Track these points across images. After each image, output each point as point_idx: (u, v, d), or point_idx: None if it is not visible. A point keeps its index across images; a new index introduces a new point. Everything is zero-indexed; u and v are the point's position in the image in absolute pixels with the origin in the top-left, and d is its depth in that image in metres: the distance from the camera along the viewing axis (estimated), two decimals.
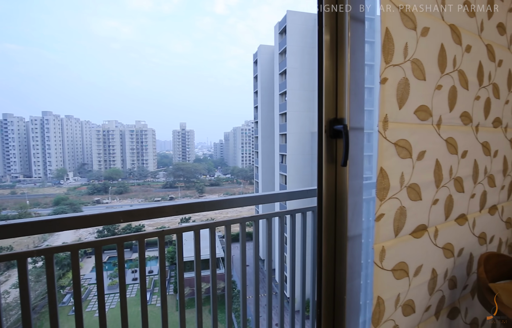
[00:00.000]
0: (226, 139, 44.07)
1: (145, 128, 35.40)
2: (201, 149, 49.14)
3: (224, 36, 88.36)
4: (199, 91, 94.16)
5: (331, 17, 0.86)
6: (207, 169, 35.68)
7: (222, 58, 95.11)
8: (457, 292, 1.26)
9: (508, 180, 1.46)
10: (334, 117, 0.88)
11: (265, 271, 15.71)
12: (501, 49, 1.30)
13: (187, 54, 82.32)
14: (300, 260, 1.66)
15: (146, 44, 72.55)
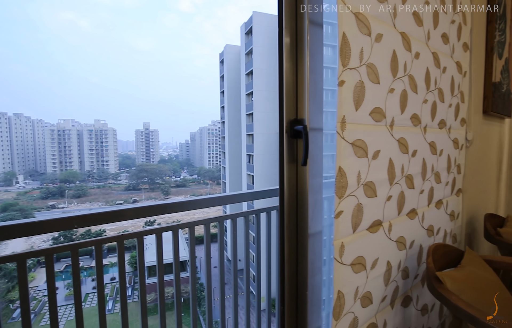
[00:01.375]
0: (192, 139, 43.22)
1: (105, 127, 33.50)
2: (166, 149, 47.67)
3: (190, 34, 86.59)
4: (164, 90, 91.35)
5: (291, 20, 0.88)
6: (173, 170, 34.69)
7: (188, 57, 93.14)
8: (409, 281, 1.35)
9: (451, 177, 1.60)
10: (294, 118, 0.90)
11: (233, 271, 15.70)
12: (445, 57, 1.41)
13: (150, 51, 79.48)
14: (265, 259, 1.68)
15: (106, 39, 68.84)
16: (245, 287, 1.61)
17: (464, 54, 1.62)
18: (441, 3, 1.35)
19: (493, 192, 2.36)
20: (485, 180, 2.20)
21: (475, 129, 1.91)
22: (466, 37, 1.63)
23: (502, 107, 2.16)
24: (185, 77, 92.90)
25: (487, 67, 1.93)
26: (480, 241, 2.04)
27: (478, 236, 2.03)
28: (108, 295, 16.19)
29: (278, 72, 0.89)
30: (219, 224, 1.51)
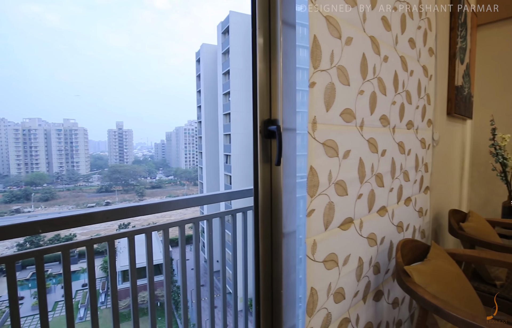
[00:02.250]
0: (168, 139, 42.31)
1: (75, 127, 31.99)
2: (141, 149, 46.35)
3: (165, 32, 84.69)
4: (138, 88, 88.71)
5: (264, 21, 0.89)
6: (148, 171, 33.78)
7: (163, 55, 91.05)
8: (381, 276, 1.40)
9: (419, 175, 1.68)
10: (268, 118, 0.90)
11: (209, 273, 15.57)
12: (412, 61, 1.48)
13: (124, 48, 76.89)
14: (242, 259, 1.68)
15: (76, 34, 65.74)
16: (221, 289, 1.60)
17: (430, 59, 1.71)
18: (408, 9, 1.42)
19: (456, 189, 2.50)
20: (450, 178, 2.33)
21: (441, 130, 2.02)
22: (431, 43, 1.71)
23: (464, 109, 2.30)
24: (161, 76, 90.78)
25: (450, 71, 2.05)
26: (445, 235, 2.16)
27: (444, 231, 2.15)
28: (79, 302, 15.50)
29: (252, 72, 0.89)
30: (194, 225, 1.50)
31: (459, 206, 2.58)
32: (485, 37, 2.75)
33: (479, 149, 2.81)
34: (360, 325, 1.27)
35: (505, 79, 2.67)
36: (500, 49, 2.69)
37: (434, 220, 2.02)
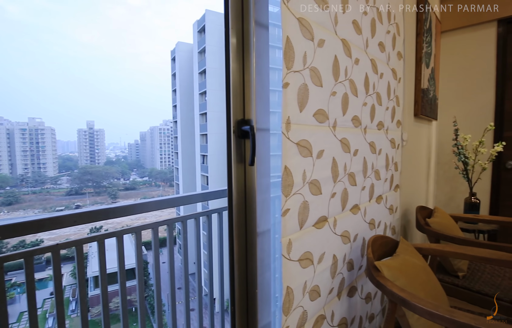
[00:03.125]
0: (142, 139, 41.12)
1: (41, 126, 30.26)
2: (114, 150, 44.70)
3: (139, 29, 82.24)
4: (111, 87, 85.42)
5: (237, 21, 0.89)
6: (121, 172, 32.64)
7: (137, 52, 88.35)
8: (354, 272, 1.44)
9: (389, 174, 1.75)
10: (242, 118, 0.90)
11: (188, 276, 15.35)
12: (382, 64, 1.54)
13: (95, 45, 73.76)
14: (218, 260, 1.67)
15: (42, 28, 62.14)
16: (196, 291, 1.58)
17: (398, 62, 1.79)
18: (377, 14, 1.47)
19: (423, 187, 2.64)
20: (417, 176, 2.45)
21: (409, 130, 2.12)
22: (399, 47, 1.79)
23: (429, 110, 2.42)
24: (134, 74, 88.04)
25: (417, 75, 2.15)
26: (414, 231, 2.27)
27: (412, 226, 2.25)
28: (48, 312, 14.68)
29: (225, 72, 0.89)
30: (169, 227, 1.46)
31: (426, 202, 2.72)
32: (448, 43, 2.92)
33: (444, 148, 2.98)
34: (335, 321, 1.29)
35: (466, 83, 2.85)
36: (461, 54, 2.86)
37: (403, 216, 2.11)
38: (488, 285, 1.64)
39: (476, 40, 2.78)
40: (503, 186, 2.74)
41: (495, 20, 2.66)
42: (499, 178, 2.74)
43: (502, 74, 2.67)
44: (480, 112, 2.78)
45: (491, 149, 2.43)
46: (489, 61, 2.72)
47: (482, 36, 2.74)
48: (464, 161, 2.43)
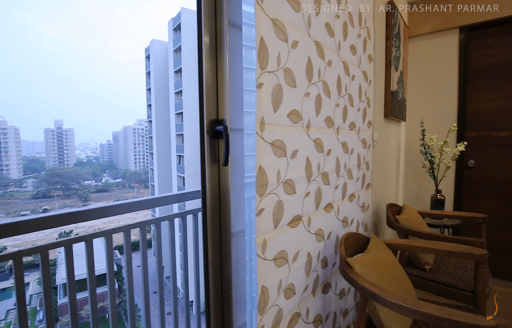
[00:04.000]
0: (115, 140, 39.67)
1: (3, 125, 28.35)
2: (84, 150, 42.81)
3: (111, 25, 79.24)
4: (81, 85, 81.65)
5: (210, 21, 0.88)
6: (93, 174, 31.29)
7: (109, 49, 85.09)
8: (328, 270, 1.47)
9: (361, 173, 1.80)
10: (215, 118, 0.90)
11: (165, 279, 15.09)
12: (353, 66, 1.59)
13: (63, 40, 70.14)
14: (193, 262, 1.65)
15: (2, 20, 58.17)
16: (172, 295, 1.55)
17: (369, 65, 1.85)
18: (349, 18, 1.51)
19: (393, 185, 2.75)
20: (388, 174, 2.55)
21: (379, 131, 2.20)
22: (370, 50, 1.85)
23: (398, 112, 2.53)
24: (106, 71, 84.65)
25: (387, 77, 2.24)
26: (384, 227, 2.36)
27: (383, 223, 2.34)
28: (12, 323, 13.78)
29: (198, 71, 0.88)
30: (141, 230, 1.42)
31: (395, 200, 2.84)
32: (415, 48, 3.07)
33: (412, 148, 3.12)
34: (310, 318, 1.32)
35: (433, 86, 3.01)
36: (427, 59, 3.02)
37: (374, 214, 2.19)
38: (452, 276, 1.74)
39: (440, 46, 2.94)
40: (465, 183, 2.92)
41: (457, 27, 2.83)
42: (462, 176, 2.92)
43: (464, 78, 2.85)
44: (445, 114, 2.94)
45: (454, 149, 2.58)
46: (452, 65, 2.89)
47: (446, 42, 2.91)
48: (430, 160, 2.56)
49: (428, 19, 2.95)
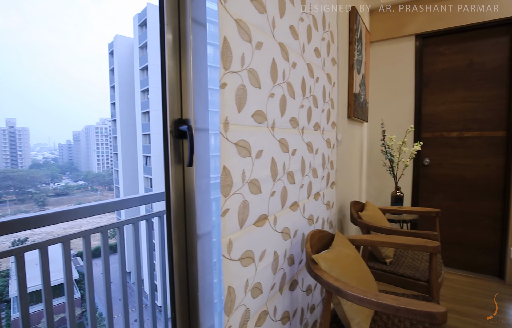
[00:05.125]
0: (76, 140, 37.41)
1: None
2: (41, 151, 39.87)
3: (70, 18, 74.46)
4: (36, 81, 75.80)
5: (173, 17, 0.86)
6: (51, 176, 29.25)
7: (67, 44, 79.86)
8: (295, 267, 1.50)
9: (326, 172, 1.86)
10: (179, 117, 0.88)
11: (132, 284, 14.37)
12: (317, 69, 1.63)
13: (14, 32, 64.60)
14: (160, 266, 1.60)
15: None
16: (138, 300, 1.49)
17: (333, 68, 1.92)
18: (313, 21, 1.56)
19: (357, 183, 2.87)
20: (351, 173, 2.66)
21: (343, 131, 2.29)
22: (334, 53, 1.92)
23: (361, 113, 2.65)
24: (65, 67, 79.13)
25: (350, 80, 2.33)
26: (348, 224, 2.46)
27: (347, 220, 2.43)
28: None
29: (161, 70, 0.85)
30: (103, 235, 1.36)
31: (359, 197, 2.97)
32: (376, 52, 3.23)
33: (373, 148, 3.29)
34: (277, 316, 1.33)
35: (392, 89, 3.19)
36: (387, 63, 3.19)
37: (339, 211, 2.27)
38: (409, 268, 1.86)
39: (399, 51, 3.13)
40: (421, 180, 3.13)
41: (414, 34, 3.02)
42: (418, 174, 3.12)
43: (420, 82, 3.05)
44: (403, 115, 3.13)
45: (412, 148, 2.75)
46: (409, 70, 3.08)
47: (404, 48, 3.10)
48: (390, 159, 2.71)
49: (388, 26, 3.12)
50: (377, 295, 0.98)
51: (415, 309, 0.90)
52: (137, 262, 1.56)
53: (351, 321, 1.22)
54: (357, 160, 2.87)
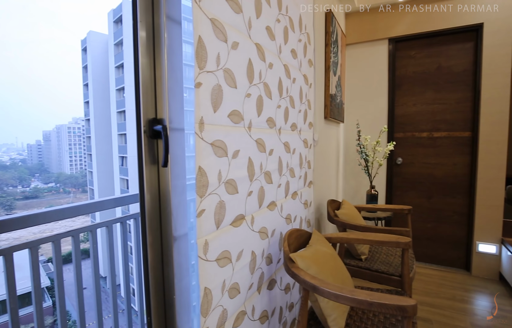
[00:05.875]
0: (46, 140, 35.65)
1: None
2: (7, 152, 37.67)
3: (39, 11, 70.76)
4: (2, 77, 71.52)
5: (147, 14, 0.84)
6: (19, 178, 27.71)
7: (36, 39, 75.83)
8: (273, 266, 1.51)
9: (303, 171, 1.89)
10: (153, 117, 0.86)
11: (107, 290, 13.92)
12: (294, 69, 1.65)
13: None
14: (136, 270, 1.56)
15: None
16: (113, 306, 1.44)
17: (309, 69, 1.95)
18: (290, 22, 1.58)
19: (333, 182, 2.93)
20: (328, 172, 2.71)
21: (320, 131, 2.33)
22: (310, 55, 1.95)
23: (337, 114, 2.71)
24: (34, 64, 74.96)
25: (326, 81, 2.38)
26: (326, 222, 2.51)
27: (324, 218, 2.48)
28: None
29: (134, 68, 0.83)
30: (74, 239, 1.30)
31: (336, 196, 3.04)
32: (352, 55, 3.32)
33: (349, 147, 3.38)
34: (256, 315, 1.34)
35: (367, 90, 3.29)
36: (362, 65, 3.29)
37: (316, 210, 2.31)
38: (384, 264, 1.92)
39: (373, 54, 3.23)
40: (394, 178, 3.25)
41: (387, 38, 3.13)
42: (392, 172, 3.24)
43: (393, 84, 3.17)
44: (377, 116, 3.24)
45: (385, 148, 2.85)
46: (383, 72, 3.19)
47: (378, 51, 3.20)
48: (365, 158, 2.79)
49: (363, 29, 3.22)
50: (352, 291, 1.00)
51: (388, 303, 0.93)
52: (112, 266, 1.51)
53: (328, 317, 1.25)
54: (334, 159, 2.94)
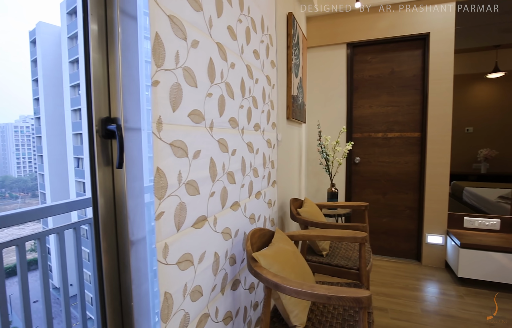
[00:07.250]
0: None
1: None
2: None
3: None
4: None
5: (99, 7, 0.79)
6: None
7: None
8: (237, 266, 1.51)
9: (267, 171, 1.91)
10: (107, 116, 0.81)
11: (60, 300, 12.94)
12: (257, 70, 1.67)
13: None
14: (93, 278, 1.47)
15: None
16: (65, 319, 1.34)
17: (272, 70, 1.98)
18: (252, 23, 1.58)
19: (296, 181, 3.01)
20: (291, 171, 2.78)
21: (283, 132, 2.38)
22: (273, 56, 1.98)
23: (299, 114, 2.78)
24: None
25: (288, 83, 2.43)
26: (289, 221, 2.56)
27: (287, 217, 2.54)
28: None
29: (84, 63, 0.78)
30: (19, 248, 1.19)
31: (299, 195, 3.12)
32: (313, 57, 3.43)
33: (311, 147, 3.49)
34: (219, 316, 1.33)
35: (327, 92, 3.42)
36: (323, 68, 3.41)
37: (280, 208, 2.35)
38: (343, 258, 2.01)
39: (333, 57, 3.37)
40: (353, 177, 3.41)
41: (345, 43, 3.28)
42: (351, 171, 3.40)
43: (351, 87, 3.33)
44: (337, 117, 3.38)
45: (344, 148, 2.98)
46: (342, 75, 3.34)
47: (337, 55, 3.34)
48: (326, 158, 2.90)
49: (323, 33, 3.34)
50: (312, 286, 1.04)
51: (344, 296, 0.97)
52: (64, 276, 1.41)
53: (290, 313, 1.28)
54: (297, 159, 3.01)
